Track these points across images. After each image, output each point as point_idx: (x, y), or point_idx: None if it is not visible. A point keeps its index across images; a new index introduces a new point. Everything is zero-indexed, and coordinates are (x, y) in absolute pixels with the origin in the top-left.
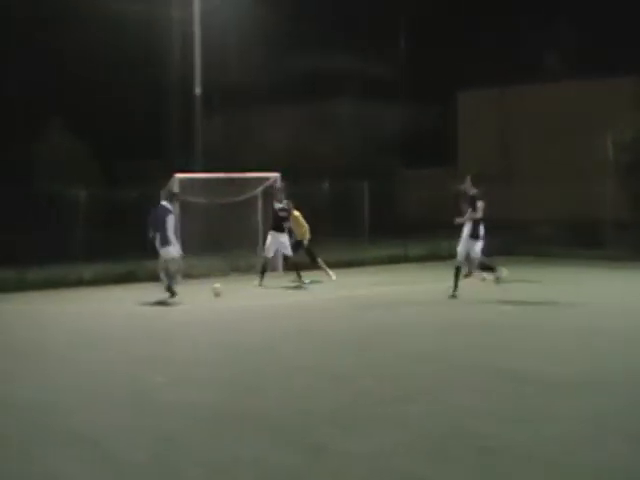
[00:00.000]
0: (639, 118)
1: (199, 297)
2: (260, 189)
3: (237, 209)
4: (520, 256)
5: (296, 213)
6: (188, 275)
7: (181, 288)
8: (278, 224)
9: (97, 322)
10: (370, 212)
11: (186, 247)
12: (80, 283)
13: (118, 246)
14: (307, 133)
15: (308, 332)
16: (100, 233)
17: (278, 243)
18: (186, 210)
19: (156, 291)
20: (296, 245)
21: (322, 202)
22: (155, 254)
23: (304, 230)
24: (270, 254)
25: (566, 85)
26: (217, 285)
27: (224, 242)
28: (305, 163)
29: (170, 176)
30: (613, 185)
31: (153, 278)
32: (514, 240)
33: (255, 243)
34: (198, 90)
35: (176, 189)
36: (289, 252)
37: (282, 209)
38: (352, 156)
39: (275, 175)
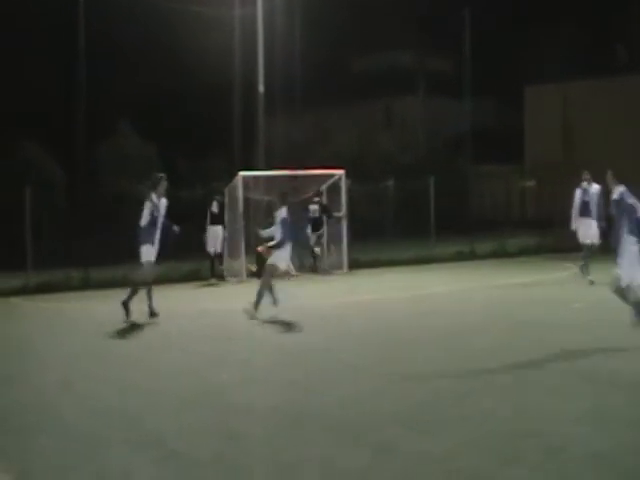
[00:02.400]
0: None
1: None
2: (325, 186)
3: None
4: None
5: None
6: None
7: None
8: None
9: (164, 322)
10: (436, 209)
11: (251, 246)
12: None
13: (183, 245)
14: (373, 131)
15: (379, 331)
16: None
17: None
18: (248, 208)
19: (221, 290)
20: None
21: (388, 200)
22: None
23: None
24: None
25: (636, 80)
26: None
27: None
28: (371, 161)
29: (234, 174)
30: None
31: (217, 276)
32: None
33: (319, 242)
34: (261, 88)
35: (240, 188)
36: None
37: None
38: (419, 153)
39: (339, 172)
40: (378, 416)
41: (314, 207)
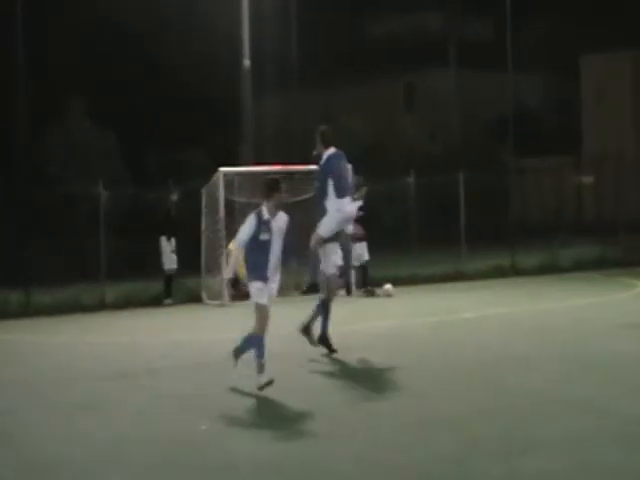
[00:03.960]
0: None
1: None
2: None
3: (297, 210)
4: None
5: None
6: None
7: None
8: None
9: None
10: (468, 212)
11: None
12: (102, 307)
13: (149, 259)
14: (392, 114)
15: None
16: (125, 243)
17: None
18: (232, 211)
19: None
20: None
21: (408, 200)
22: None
23: None
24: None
25: None
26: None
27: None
28: (389, 152)
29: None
30: None
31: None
32: None
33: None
34: (247, 62)
35: (221, 187)
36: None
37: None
38: (449, 142)
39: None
40: None
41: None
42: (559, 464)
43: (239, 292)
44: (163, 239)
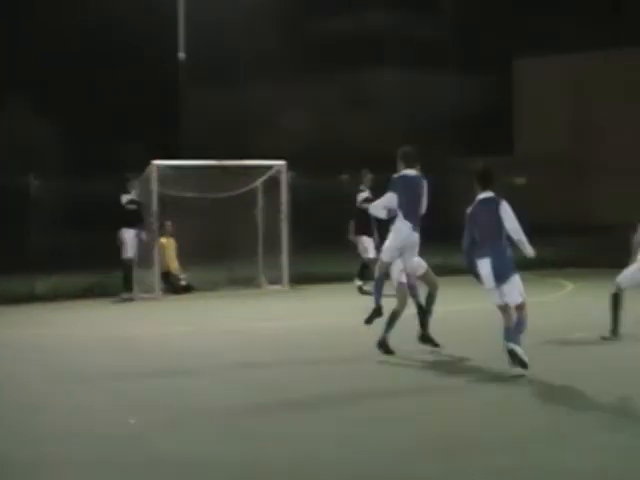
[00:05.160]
0: None
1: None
2: (261, 180)
3: (232, 205)
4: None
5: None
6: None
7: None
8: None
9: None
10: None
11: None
12: (31, 298)
13: (84, 252)
14: (334, 111)
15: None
16: (59, 236)
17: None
18: (166, 207)
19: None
20: None
21: (342, 198)
22: None
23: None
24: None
25: None
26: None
27: (217, 247)
28: (329, 149)
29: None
30: None
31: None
32: (594, 247)
33: (255, 247)
34: (182, 55)
35: (154, 180)
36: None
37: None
38: (388, 140)
39: (279, 163)
40: None
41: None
42: (504, 463)
43: (171, 286)
44: (124, 230)
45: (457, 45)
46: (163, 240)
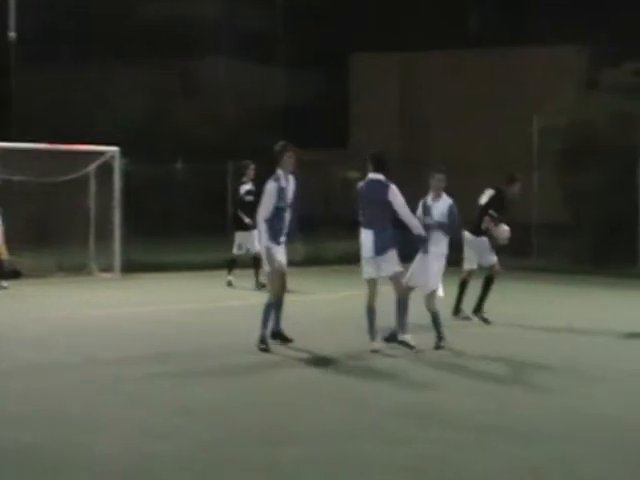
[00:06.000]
0: (580, 95)
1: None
2: (93, 166)
3: (63, 191)
4: None
5: None
6: None
7: None
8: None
9: None
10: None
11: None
12: None
13: None
14: (164, 99)
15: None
16: None
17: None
18: None
19: None
20: None
21: (176, 187)
22: None
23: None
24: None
25: (491, 53)
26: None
27: (47, 233)
28: (163, 136)
29: None
30: (544, 180)
31: None
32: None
33: (86, 234)
34: (13, 34)
35: None
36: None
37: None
38: (222, 130)
39: (112, 149)
40: None
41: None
42: (317, 453)
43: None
44: None
45: (294, 37)
46: None
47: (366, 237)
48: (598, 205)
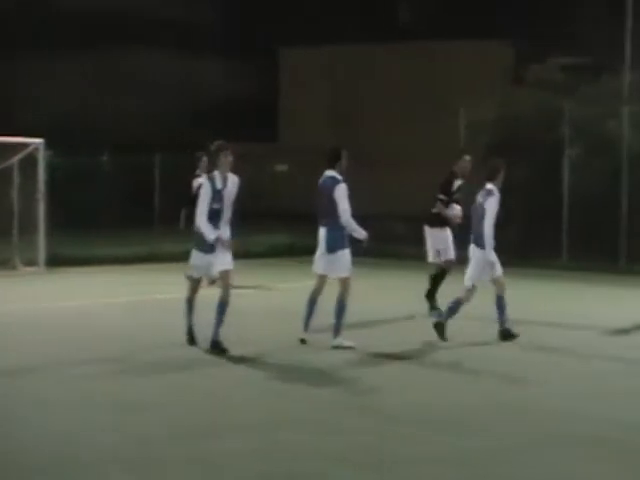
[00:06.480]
0: (506, 90)
1: None
2: (17, 158)
3: None
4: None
5: None
6: None
7: None
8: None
9: None
10: (166, 195)
11: None
12: None
13: None
14: (92, 91)
15: None
16: None
17: None
18: None
19: None
20: None
21: (102, 179)
22: None
23: None
24: None
25: (420, 47)
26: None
27: None
28: (87, 131)
29: None
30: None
31: None
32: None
33: (9, 227)
34: None
35: None
36: None
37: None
38: (150, 122)
39: (38, 141)
40: None
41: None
42: (243, 445)
43: None
44: None
45: (225, 30)
46: None
47: (320, 234)
48: (524, 199)
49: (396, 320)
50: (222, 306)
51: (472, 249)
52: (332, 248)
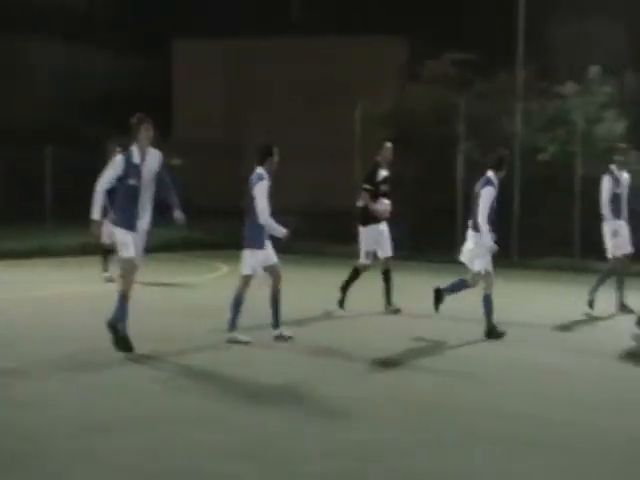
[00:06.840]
0: (402, 86)
1: None
2: None
3: None
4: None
5: None
6: None
7: None
8: None
9: None
10: (58, 189)
11: None
12: None
13: None
14: None
15: None
16: None
17: None
18: None
19: None
20: None
21: None
22: None
23: None
24: None
25: (316, 41)
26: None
27: None
28: None
29: None
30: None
31: None
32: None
33: None
34: None
35: None
36: None
37: None
38: (40, 114)
39: None
40: None
41: None
42: (132, 443)
43: None
44: None
45: (117, 20)
46: None
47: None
48: (417, 194)
49: (328, 316)
50: (122, 300)
51: (470, 234)
52: (244, 244)
